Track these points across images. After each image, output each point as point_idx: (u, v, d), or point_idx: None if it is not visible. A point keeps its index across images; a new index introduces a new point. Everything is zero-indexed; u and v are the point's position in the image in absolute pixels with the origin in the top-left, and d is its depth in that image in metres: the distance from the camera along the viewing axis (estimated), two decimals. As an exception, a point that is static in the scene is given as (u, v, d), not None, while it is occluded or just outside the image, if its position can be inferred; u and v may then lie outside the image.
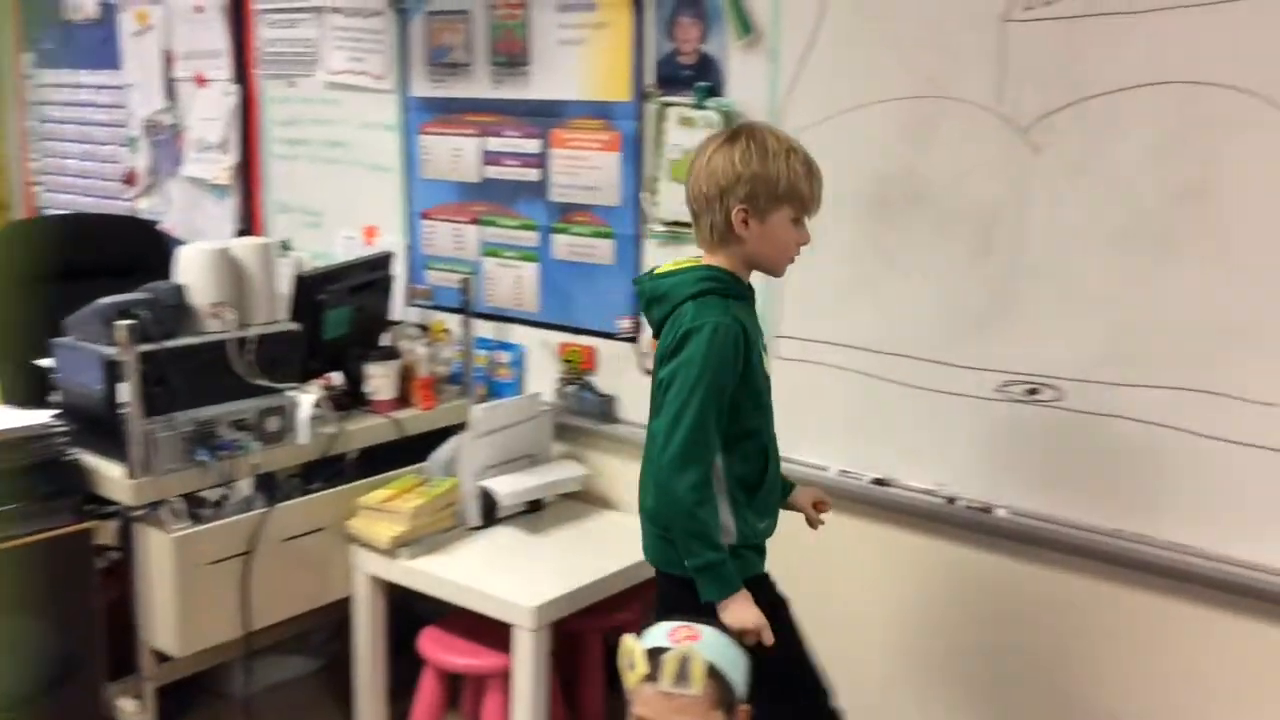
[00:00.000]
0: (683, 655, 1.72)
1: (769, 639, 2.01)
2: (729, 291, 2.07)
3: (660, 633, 1.81)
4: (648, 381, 3.00)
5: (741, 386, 2.06)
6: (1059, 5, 2.28)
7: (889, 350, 2.62)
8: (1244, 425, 2.19)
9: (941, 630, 2.67)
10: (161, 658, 2.71)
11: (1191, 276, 2.22)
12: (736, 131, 2.07)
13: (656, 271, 2.18)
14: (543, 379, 3.28)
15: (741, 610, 2.00)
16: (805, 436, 2.78)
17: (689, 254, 2.87)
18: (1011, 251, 2.43)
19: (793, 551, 2.86)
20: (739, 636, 1.97)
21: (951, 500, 2.57)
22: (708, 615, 2.04)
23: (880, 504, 2.68)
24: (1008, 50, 2.36)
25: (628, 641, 1.78)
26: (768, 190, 2.01)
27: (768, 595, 2.18)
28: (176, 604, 2.60)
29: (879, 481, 2.68)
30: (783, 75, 2.69)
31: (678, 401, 2.01)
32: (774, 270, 2.14)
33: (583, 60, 3.05)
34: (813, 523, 2.35)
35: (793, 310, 2.76)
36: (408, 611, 2.95)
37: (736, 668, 1.80)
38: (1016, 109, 2.37)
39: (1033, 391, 2.44)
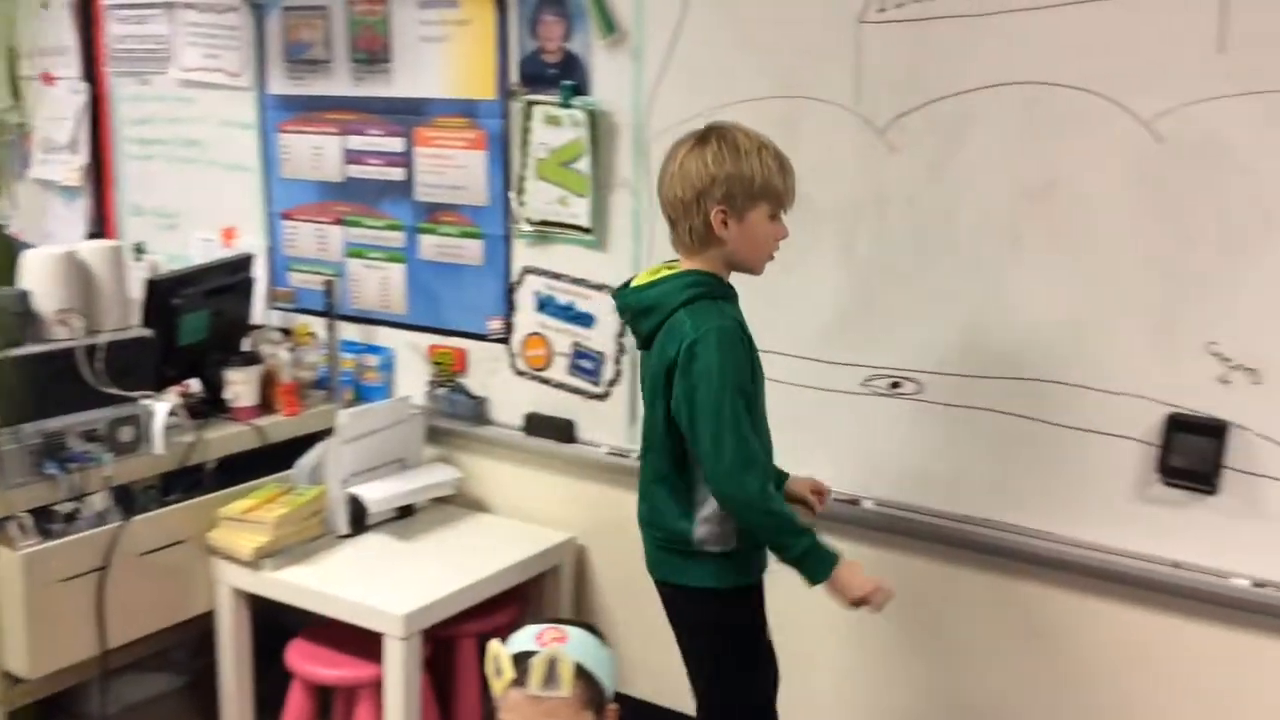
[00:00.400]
0: (550, 657, 1.71)
1: (891, 592, 2.05)
2: (717, 293, 2.07)
3: (526, 636, 1.80)
4: (519, 382, 3.03)
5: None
6: (910, 7, 2.34)
7: (761, 348, 2.64)
8: (1092, 413, 2.28)
9: (809, 619, 2.71)
10: (13, 680, 2.59)
11: (1040, 272, 2.30)
12: (705, 133, 2.05)
13: (634, 284, 2.15)
14: (412, 382, 3.23)
15: (852, 580, 2.03)
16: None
17: (560, 254, 2.90)
18: (874, 249, 2.48)
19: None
20: (859, 604, 2.02)
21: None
22: (712, 622, 2.12)
23: (750, 499, 2.70)
24: (863, 51, 2.41)
25: (493, 647, 1.77)
26: (744, 189, 2.01)
27: (759, 601, 2.20)
28: (27, 624, 2.49)
29: (749, 477, 2.70)
30: (647, 74, 2.70)
31: (714, 414, 1.98)
32: (754, 268, 2.13)
33: (446, 57, 3.01)
34: (813, 508, 2.32)
35: (661, 308, 2.77)
36: (275, 624, 2.87)
37: (605, 667, 1.80)
38: (873, 110, 2.42)
39: (895, 385, 2.50)
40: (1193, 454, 2.19)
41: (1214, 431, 2.16)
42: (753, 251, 2.08)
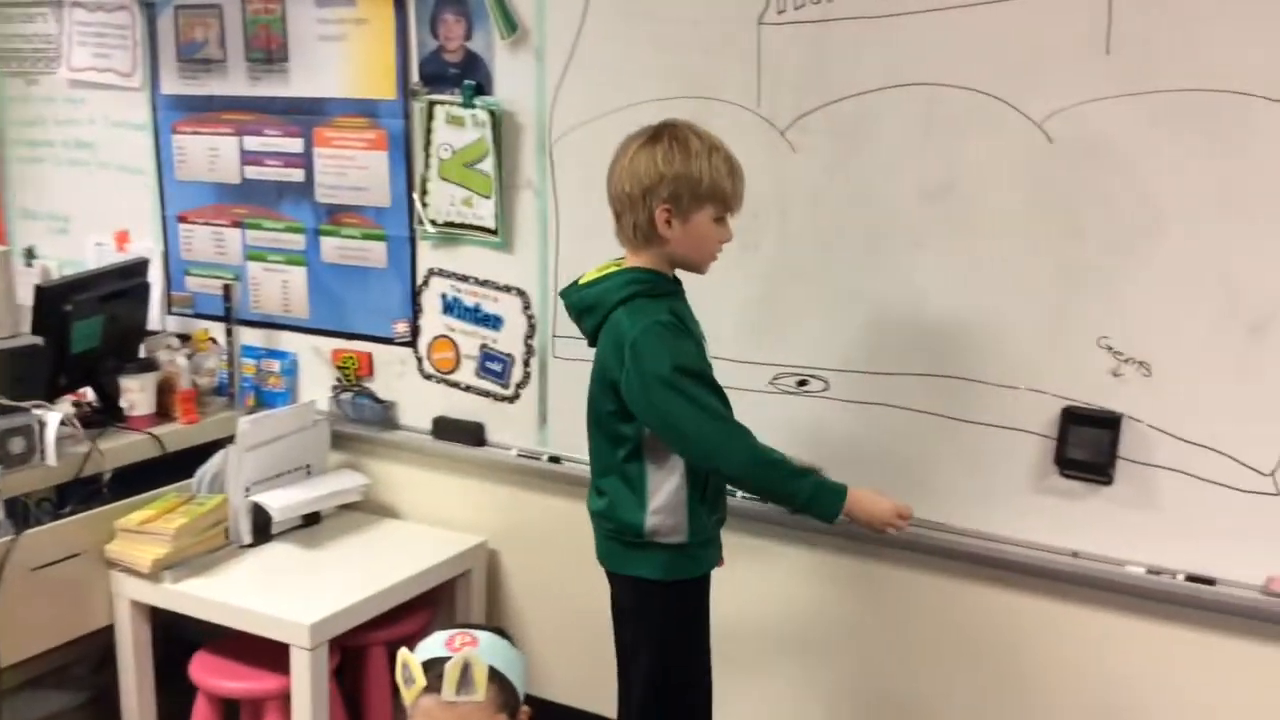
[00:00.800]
0: (464, 662, 1.69)
1: (910, 514, 2.09)
2: (656, 290, 2.06)
3: (436, 642, 1.77)
4: (427, 385, 3.00)
5: None
6: (809, 9, 2.36)
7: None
8: (993, 408, 2.32)
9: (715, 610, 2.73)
10: (-100, 704, 2.50)
11: (941, 270, 2.33)
12: (659, 130, 2.04)
13: (581, 281, 2.14)
14: (317, 387, 3.18)
15: (873, 508, 2.06)
16: (585, 435, 2.79)
17: (466, 255, 2.88)
18: (778, 248, 2.49)
19: (571, 550, 2.88)
20: (882, 530, 2.06)
21: (730, 493, 2.61)
22: (658, 613, 2.14)
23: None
24: (764, 52, 2.42)
25: (403, 655, 1.74)
26: (691, 190, 2.00)
27: (705, 592, 2.20)
28: (-87, 645, 2.40)
29: (659, 476, 2.71)
30: (550, 74, 2.68)
31: (673, 404, 1.98)
32: (698, 268, 2.12)
33: (344, 57, 2.96)
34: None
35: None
36: (179, 637, 2.81)
37: (516, 669, 1.79)
38: (774, 110, 2.43)
39: (802, 383, 2.52)
40: (1088, 446, 2.24)
41: (1108, 424, 2.21)
42: (695, 252, 2.08)
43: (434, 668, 1.70)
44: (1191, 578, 2.20)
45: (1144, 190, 2.13)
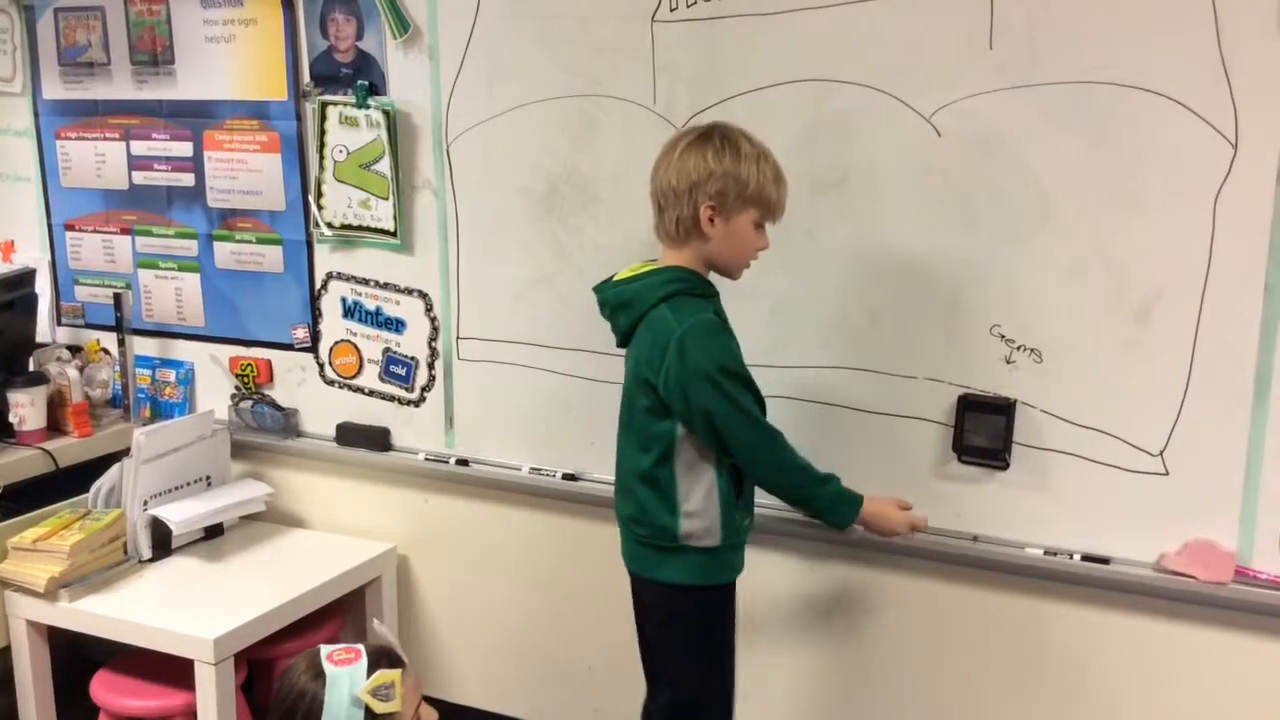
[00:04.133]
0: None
1: (924, 525, 2.20)
2: (698, 290, 2.06)
3: (363, 665, 1.70)
4: (329, 391, 2.95)
5: None
6: (700, 6, 2.36)
7: (570, 346, 2.65)
8: (894, 398, 2.36)
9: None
10: None
11: (837, 262, 2.36)
12: (710, 130, 2.03)
13: (617, 278, 2.13)
14: (215, 396, 3.11)
15: (884, 519, 2.16)
16: (493, 437, 2.78)
17: (366, 258, 2.84)
18: (676, 243, 2.50)
19: (482, 552, 2.88)
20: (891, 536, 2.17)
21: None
22: (688, 616, 2.15)
23: (571, 498, 2.71)
24: (658, 50, 2.43)
25: (388, 675, 1.68)
26: (738, 190, 1.99)
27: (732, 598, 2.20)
28: None
29: (569, 476, 2.71)
30: (444, 73, 2.66)
31: (715, 407, 2.00)
32: (732, 272, 2.11)
33: (233, 58, 2.89)
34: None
35: (472, 310, 2.75)
36: (80, 656, 2.74)
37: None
38: (670, 107, 2.44)
39: (705, 377, 2.53)
40: (985, 433, 2.29)
41: (1002, 410, 2.26)
42: (734, 254, 2.08)
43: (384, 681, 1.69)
44: (1087, 557, 2.25)
45: (1031, 181, 2.18)
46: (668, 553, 2.11)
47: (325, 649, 1.72)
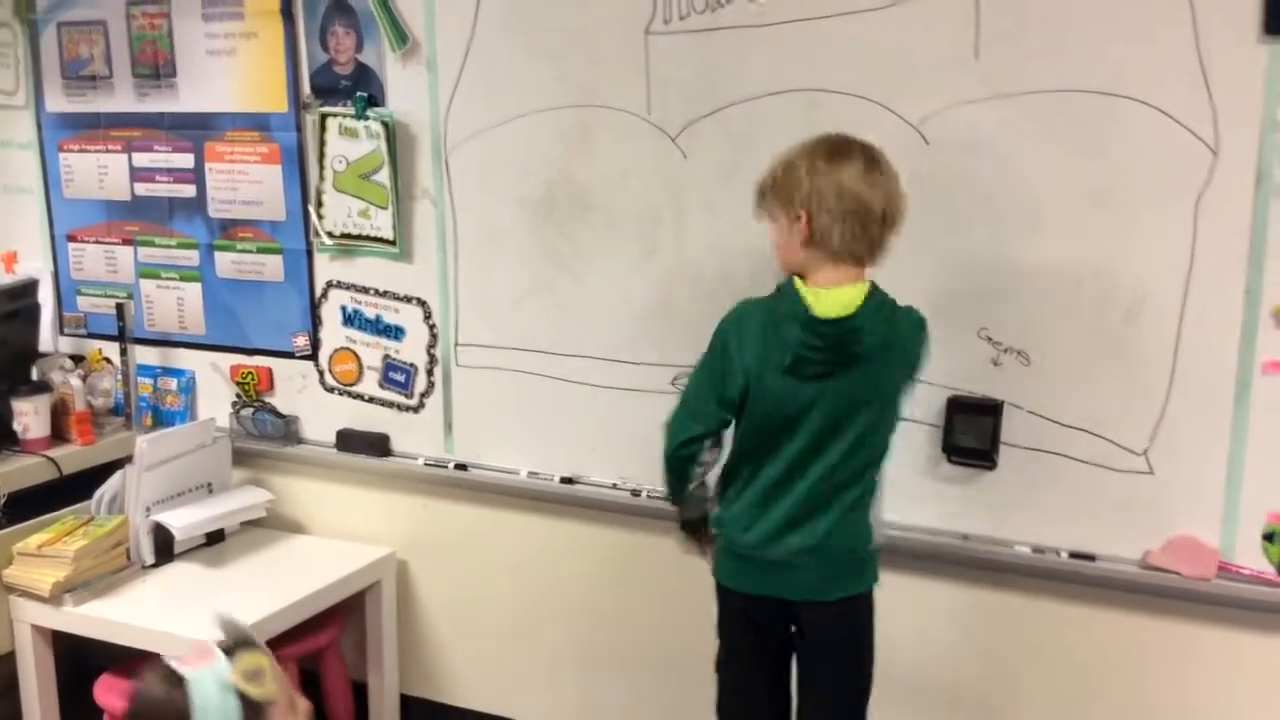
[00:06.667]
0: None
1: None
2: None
3: (222, 659, 1.53)
4: (330, 398, 2.99)
5: None
6: (693, 19, 2.42)
7: (568, 352, 2.69)
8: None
9: (631, 613, 2.78)
10: None
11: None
12: (878, 154, 2.00)
13: (835, 315, 1.97)
14: (216, 404, 3.15)
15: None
16: (492, 442, 2.82)
17: (365, 267, 2.88)
18: (674, 251, 2.55)
19: (481, 556, 2.91)
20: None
21: (636, 493, 2.67)
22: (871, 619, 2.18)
23: (568, 501, 2.75)
24: (652, 62, 2.48)
25: (256, 658, 1.53)
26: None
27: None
28: None
29: (566, 480, 2.75)
30: (443, 85, 2.71)
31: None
32: None
33: (234, 71, 2.94)
34: None
35: (471, 317, 2.79)
36: (83, 660, 2.77)
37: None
38: (665, 117, 2.49)
39: (700, 382, 2.58)
40: (973, 433, 2.34)
41: (990, 411, 2.31)
42: None
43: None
44: (1074, 555, 2.30)
45: (1017, 187, 2.23)
46: (863, 563, 2.14)
47: (169, 659, 1.52)
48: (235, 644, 1.54)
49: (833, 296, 1.98)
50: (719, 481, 2.17)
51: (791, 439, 2.03)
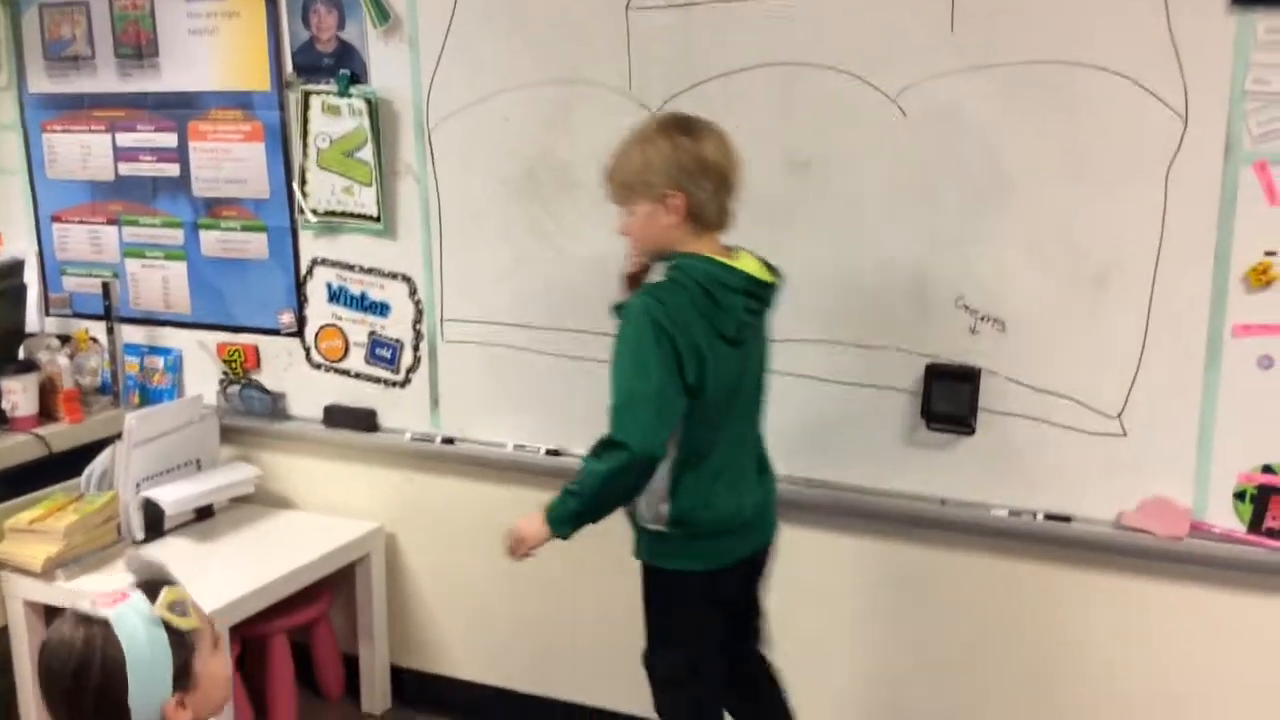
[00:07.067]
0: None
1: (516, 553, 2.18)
2: None
3: (139, 594, 1.48)
4: (316, 375, 3.03)
5: None
6: (673, -7, 2.45)
7: (552, 326, 2.72)
8: (866, 368, 2.45)
9: (617, 581, 2.81)
10: None
11: (811, 238, 2.44)
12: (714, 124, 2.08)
13: (756, 274, 2.08)
14: (204, 382, 3.18)
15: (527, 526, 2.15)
16: (478, 415, 2.85)
17: (350, 243, 2.91)
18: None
19: (468, 529, 2.94)
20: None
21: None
22: None
23: (555, 472, 2.77)
24: (633, 37, 2.50)
25: (176, 591, 1.49)
26: None
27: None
28: None
29: (552, 452, 2.78)
30: (424, 62, 2.73)
31: None
32: None
33: (216, 50, 2.96)
34: None
35: (456, 292, 2.82)
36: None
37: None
38: (645, 92, 2.52)
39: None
40: (951, 400, 2.38)
41: (968, 378, 2.35)
42: None
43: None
44: (1050, 516, 2.35)
45: (992, 157, 2.27)
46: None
47: (81, 605, 1.46)
48: (152, 581, 1.49)
49: (743, 262, 2.07)
50: (670, 475, 2.09)
51: (733, 406, 2.10)
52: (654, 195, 2.01)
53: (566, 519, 2.07)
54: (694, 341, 1.98)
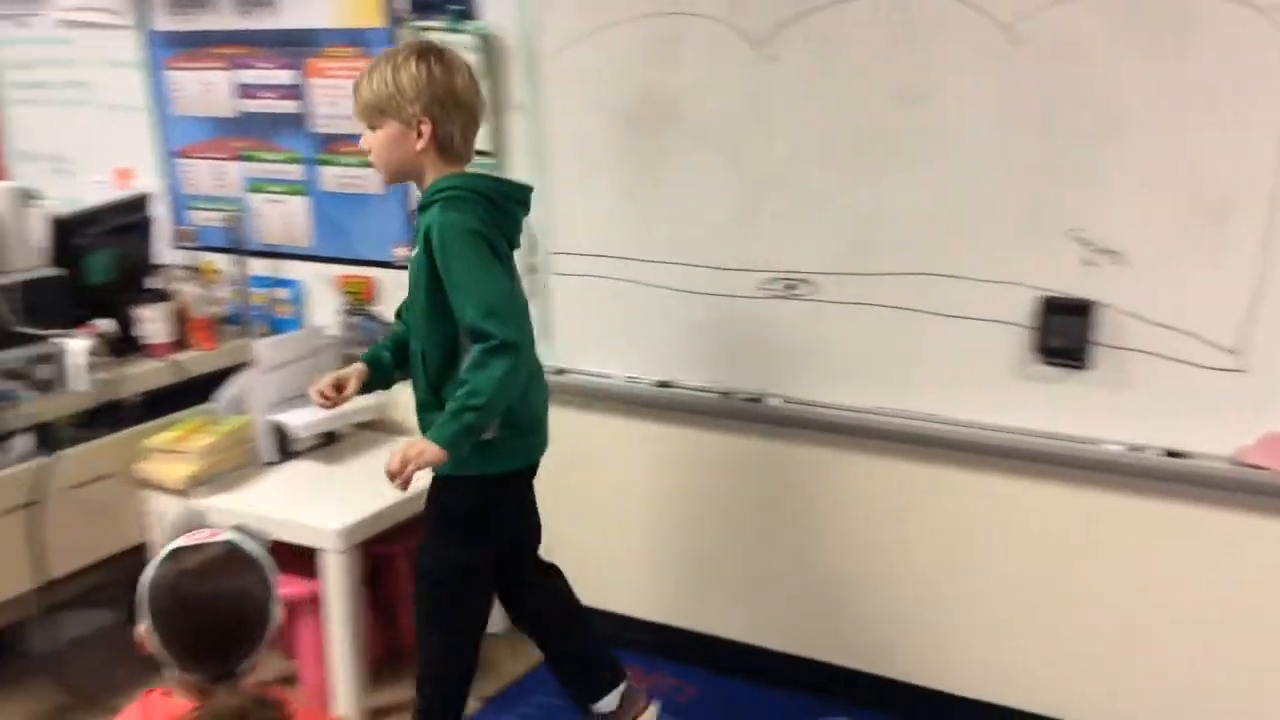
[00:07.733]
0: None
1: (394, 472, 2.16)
2: None
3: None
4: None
5: None
6: (782, -78, 2.43)
7: (658, 259, 2.76)
8: (973, 302, 2.44)
9: (722, 513, 2.88)
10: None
11: (916, 173, 2.43)
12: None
13: (521, 183, 2.27)
14: (325, 312, 3.29)
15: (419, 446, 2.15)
16: (589, 347, 2.91)
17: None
18: (760, 158, 2.59)
19: (586, 456, 3.01)
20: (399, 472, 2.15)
21: (727, 394, 2.75)
22: None
23: (663, 405, 2.84)
24: (738, -36, 2.49)
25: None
26: None
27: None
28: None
29: (662, 384, 2.84)
30: (534, -5, 2.75)
31: None
32: None
33: (332, -13, 3.02)
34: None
35: (565, 226, 2.87)
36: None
37: None
38: (751, 23, 2.50)
39: (791, 287, 2.63)
40: (1065, 333, 2.36)
41: (1082, 311, 2.33)
42: None
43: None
44: (1167, 453, 2.33)
45: (1109, 87, 2.22)
46: None
47: (181, 545, 1.61)
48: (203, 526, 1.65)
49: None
50: None
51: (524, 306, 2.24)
52: (404, 118, 2.10)
53: (462, 433, 2.10)
54: (501, 247, 2.15)
